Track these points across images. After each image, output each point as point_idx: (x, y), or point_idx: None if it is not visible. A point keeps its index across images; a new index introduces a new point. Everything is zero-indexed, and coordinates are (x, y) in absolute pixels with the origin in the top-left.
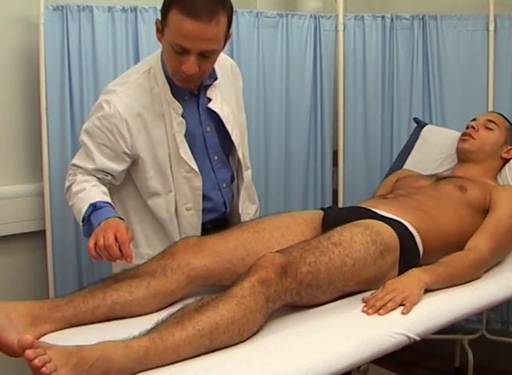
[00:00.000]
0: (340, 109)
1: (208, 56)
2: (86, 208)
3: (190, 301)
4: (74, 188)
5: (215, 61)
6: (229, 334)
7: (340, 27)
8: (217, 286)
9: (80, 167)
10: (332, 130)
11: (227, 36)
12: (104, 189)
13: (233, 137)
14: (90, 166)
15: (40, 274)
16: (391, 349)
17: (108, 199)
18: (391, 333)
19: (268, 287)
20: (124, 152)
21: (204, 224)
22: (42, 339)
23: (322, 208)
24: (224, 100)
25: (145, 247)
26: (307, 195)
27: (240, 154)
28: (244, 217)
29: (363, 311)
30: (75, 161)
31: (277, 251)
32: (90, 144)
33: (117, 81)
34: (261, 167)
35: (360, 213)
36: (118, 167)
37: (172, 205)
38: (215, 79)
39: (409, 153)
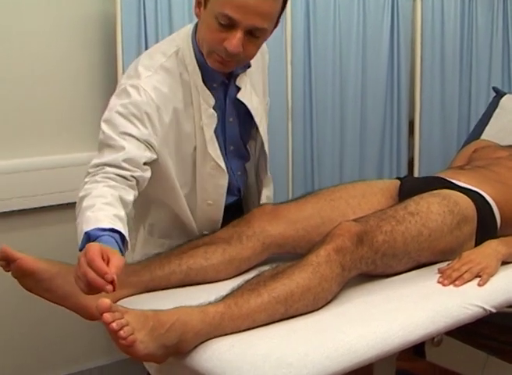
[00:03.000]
0: (417, 79)
1: (256, 36)
2: (81, 237)
3: (265, 268)
4: (85, 203)
5: (261, 45)
6: (304, 302)
7: None
8: (291, 253)
9: (105, 164)
10: (408, 99)
11: (279, 20)
12: (119, 212)
13: (261, 129)
14: (118, 156)
15: None
16: (466, 321)
17: (116, 224)
18: (467, 304)
19: (344, 255)
20: (150, 144)
21: None
22: (119, 303)
23: (398, 178)
24: (253, 89)
25: (164, 236)
26: (383, 165)
27: (266, 148)
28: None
29: (438, 282)
30: (96, 160)
31: (353, 220)
32: (114, 135)
33: (141, 62)
34: (337, 136)
35: (438, 183)
36: (144, 154)
37: (191, 199)
38: (248, 66)
39: (487, 123)
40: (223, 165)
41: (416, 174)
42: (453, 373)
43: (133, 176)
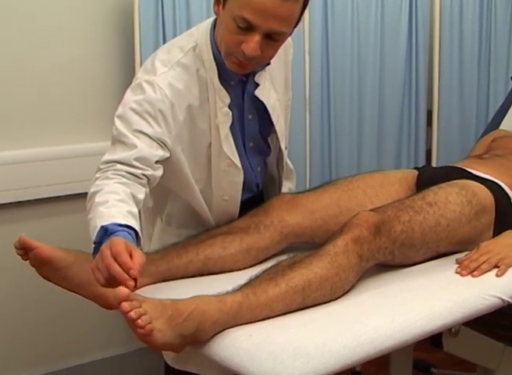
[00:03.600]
0: (435, 68)
1: (274, 39)
2: (97, 231)
3: (282, 257)
4: (97, 198)
5: (279, 47)
6: (321, 292)
7: None
8: (309, 243)
9: (116, 161)
10: (426, 89)
11: (298, 22)
12: (132, 209)
13: (277, 128)
14: (130, 154)
15: None
16: (484, 311)
17: (130, 221)
18: (485, 295)
19: (362, 245)
20: (163, 142)
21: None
22: (137, 292)
23: (416, 168)
24: (272, 85)
25: (182, 227)
26: (401, 155)
27: (282, 145)
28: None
29: (456, 272)
30: (108, 156)
31: (371, 210)
32: (127, 132)
33: (159, 56)
34: (354, 126)
35: (456, 173)
36: (156, 153)
37: (206, 194)
38: (268, 64)
39: (506, 113)
40: (238, 163)
41: (434, 164)
42: (471, 363)
43: (144, 175)
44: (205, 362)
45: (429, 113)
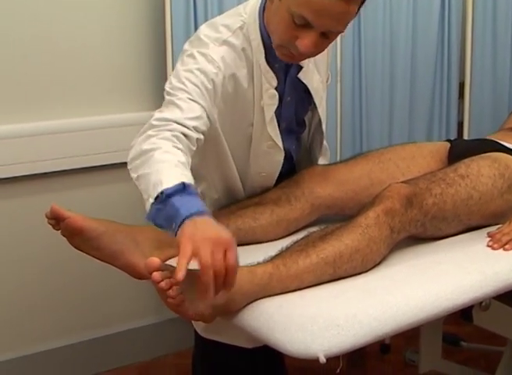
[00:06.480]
0: (468, 40)
1: (329, 37)
2: (174, 183)
3: (313, 229)
4: (158, 156)
5: (332, 42)
6: (352, 263)
7: None
8: (340, 215)
9: (171, 120)
10: (459, 61)
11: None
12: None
13: (320, 110)
14: (183, 116)
15: None
16: None
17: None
18: None
19: (393, 217)
20: (210, 114)
21: None
22: (168, 262)
23: (449, 140)
24: (315, 66)
25: (213, 206)
26: (432, 127)
27: (323, 127)
28: None
29: (488, 245)
30: (162, 115)
31: (403, 182)
32: (182, 96)
33: (206, 33)
34: (386, 98)
35: (488, 146)
36: (205, 122)
37: (243, 171)
38: None
39: None
40: (281, 144)
41: (466, 137)
42: (500, 337)
43: (195, 138)
44: (235, 333)
45: (461, 85)
